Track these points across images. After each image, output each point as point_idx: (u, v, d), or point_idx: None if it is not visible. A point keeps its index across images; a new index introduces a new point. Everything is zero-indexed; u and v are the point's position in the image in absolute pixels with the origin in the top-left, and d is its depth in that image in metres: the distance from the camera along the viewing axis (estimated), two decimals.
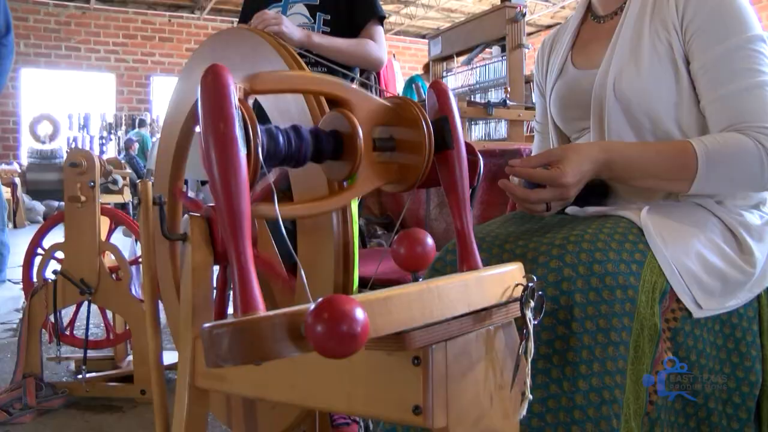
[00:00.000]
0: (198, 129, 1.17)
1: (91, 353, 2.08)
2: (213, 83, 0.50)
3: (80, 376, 2.00)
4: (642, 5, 1.10)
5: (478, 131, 3.38)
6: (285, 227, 0.54)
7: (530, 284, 0.63)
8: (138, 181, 0.95)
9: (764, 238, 1.04)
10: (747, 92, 0.97)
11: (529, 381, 0.62)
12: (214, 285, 0.96)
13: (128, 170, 2.19)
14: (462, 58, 3.83)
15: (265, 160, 0.54)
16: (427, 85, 4.83)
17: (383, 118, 0.64)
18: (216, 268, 0.96)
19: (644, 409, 0.89)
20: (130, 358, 2.25)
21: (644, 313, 0.89)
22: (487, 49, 3.70)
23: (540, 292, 0.64)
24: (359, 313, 0.43)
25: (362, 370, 0.60)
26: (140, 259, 2.12)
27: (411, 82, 5.56)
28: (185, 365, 0.90)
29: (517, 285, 0.63)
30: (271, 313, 0.46)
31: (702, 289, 0.95)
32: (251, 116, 0.52)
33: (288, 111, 0.79)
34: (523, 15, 3.13)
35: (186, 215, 0.99)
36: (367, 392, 0.61)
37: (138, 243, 2.43)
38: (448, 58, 3.95)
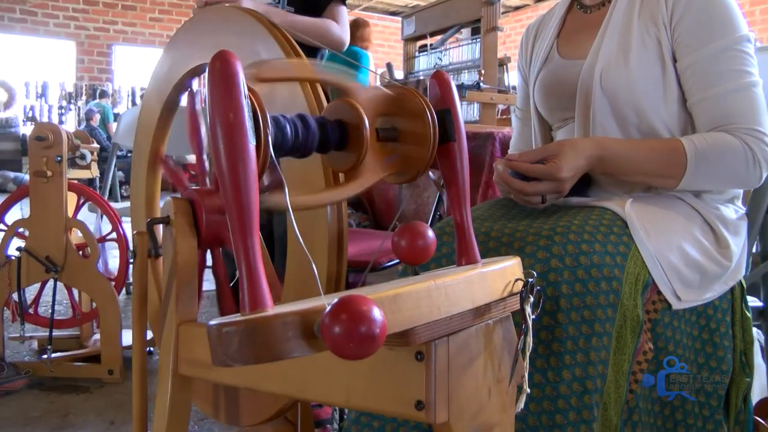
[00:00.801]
0: (184, 102, 1.14)
1: (55, 333, 2.03)
2: (222, 70, 0.48)
3: (45, 356, 1.95)
4: None
5: None
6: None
7: (530, 280, 0.63)
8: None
9: (740, 232, 1.07)
10: (735, 93, 0.99)
11: (526, 375, 0.63)
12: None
13: (96, 145, 2.12)
14: (435, 39, 3.81)
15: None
16: (369, 55, 4.76)
17: (386, 107, 0.63)
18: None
19: (624, 398, 0.91)
20: (96, 337, 2.21)
21: (627, 305, 0.90)
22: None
23: (538, 288, 0.64)
24: (377, 314, 0.42)
25: (361, 364, 0.59)
26: (108, 237, 2.08)
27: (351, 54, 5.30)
28: (168, 352, 0.89)
29: (517, 280, 0.64)
30: (282, 310, 0.45)
31: (682, 281, 0.97)
32: (261, 106, 0.50)
33: (274, 99, 0.77)
34: None
35: (168, 198, 0.97)
36: (367, 386, 0.60)
37: (104, 218, 2.37)
38: (421, 37, 3.93)
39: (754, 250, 1.21)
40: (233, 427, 1.27)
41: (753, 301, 1.21)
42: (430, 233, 0.64)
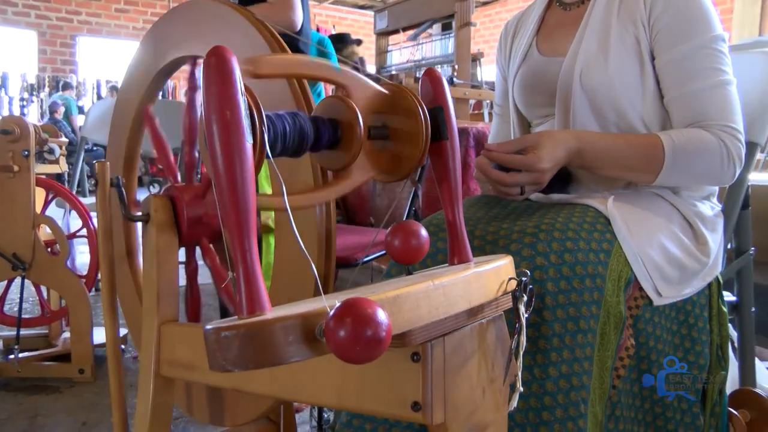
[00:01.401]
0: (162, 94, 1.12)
1: (23, 331, 1.97)
2: (218, 67, 0.47)
3: (12, 356, 1.90)
4: None
5: None
6: None
7: (523, 279, 0.63)
8: (95, 162, 0.89)
9: (717, 228, 1.09)
10: (710, 91, 1.01)
11: (519, 374, 0.63)
12: None
13: (65, 139, 2.04)
14: (408, 33, 3.80)
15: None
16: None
17: (378, 105, 0.62)
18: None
19: (608, 394, 0.92)
20: (66, 335, 2.16)
21: (611, 302, 0.91)
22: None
23: (531, 287, 0.64)
24: (382, 316, 0.41)
25: (354, 365, 0.59)
26: (78, 233, 2.03)
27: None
28: (149, 353, 0.87)
29: (510, 279, 0.63)
30: (282, 314, 0.44)
31: (662, 277, 0.98)
32: (257, 104, 0.49)
33: (267, 91, 0.75)
34: None
35: (149, 194, 0.94)
36: (361, 388, 0.60)
37: (71, 213, 2.31)
38: (393, 32, 3.92)
39: (728, 246, 1.23)
40: (208, 426, 1.26)
41: (727, 296, 1.24)
42: (423, 232, 0.63)
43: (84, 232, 2.07)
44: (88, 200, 3.63)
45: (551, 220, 0.95)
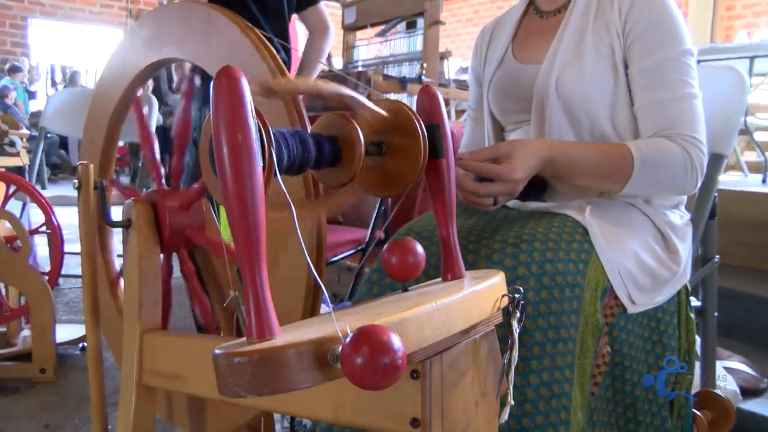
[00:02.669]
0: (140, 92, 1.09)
1: None
2: (229, 88, 0.46)
3: None
4: (587, 5, 1.13)
5: None
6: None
7: (516, 295, 0.64)
8: (79, 164, 0.87)
9: (686, 238, 1.13)
10: (678, 101, 1.04)
11: (511, 387, 0.64)
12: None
13: (26, 131, 1.96)
14: (376, 30, 3.80)
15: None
16: None
17: (379, 123, 0.62)
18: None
19: (588, 400, 0.95)
20: (25, 333, 2.10)
21: (589, 310, 0.94)
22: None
23: (523, 303, 0.65)
24: (398, 343, 0.42)
25: None
26: (41, 228, 1.97)
27: None
28: (131, 362, 0.85)
29: (503, 296, 0.65)
30: (294, 339, 0.44)
31: (636, 286, 1.01)
32: (266, 125, 0.49)
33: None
34: None
35: (130, 200, 0.93)
36: (357, 403, 0.60)
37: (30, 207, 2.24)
38: (361, 27, 3.90)
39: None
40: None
41: (692, 301, 1.29)
42: (420, 249, 0.64)
43: (46, 227, 2.00)
44: (48, 192, 3.52)
45: (531, 230, 0.97)
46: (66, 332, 2.15)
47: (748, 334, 2.02)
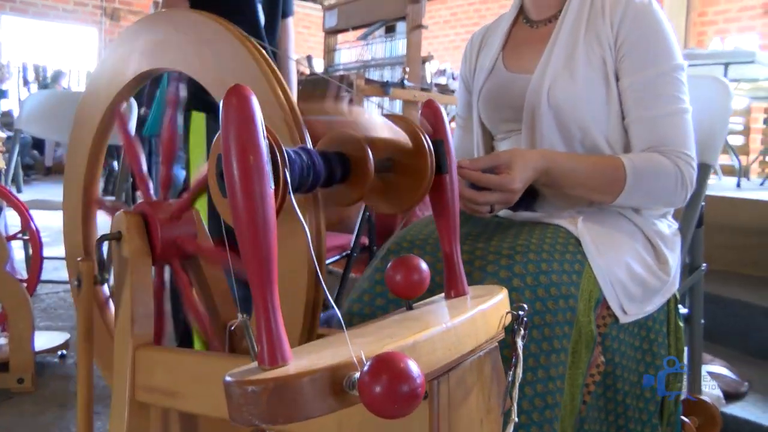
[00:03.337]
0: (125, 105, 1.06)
1: None
2: (240, 108, 0.45)
3: None
4: (577, 16, 1.14)
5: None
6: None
7: (520, 312, 0.64)
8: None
9: (675, 247, 1.14)
10: (670, 118, 1.05)
11: (515, 405, 0.64)
12: None
13: (3, 134, 1.92)
14: (358, 33, 3.79)
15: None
16: None
17: (386, 140, 0.62)
18: None
19: (578, 410, 0.96)
20: (1, 342, 2.05)
21: (582, 321, 0.94)
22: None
23: (526, 319, 0.65)
24: (416, 370, 0.41)
25: None
26: (19, 234, 1.93)
27: None
28: (123, 378, 0.83)
29: (507, 313, 0.65)
30: (308, 365, 0.44)
31: (627, 295, 1.02)
32: (279, 146, 0.48)
33: None
34: None
35: (120, 211, 0.91)
36: (362, 421, 0.59)
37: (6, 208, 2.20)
38: (343, 30, 3.89)
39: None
40: None
41: (680, 308, 1.30)
42: (424, 266, 0.64)
43: (24, 233, 1.97)
44: (24, 196, 3.45)
45: (525, 240, 0.97)
46: (44, 340, 2.11)
47: (728, 337, 2.05)
